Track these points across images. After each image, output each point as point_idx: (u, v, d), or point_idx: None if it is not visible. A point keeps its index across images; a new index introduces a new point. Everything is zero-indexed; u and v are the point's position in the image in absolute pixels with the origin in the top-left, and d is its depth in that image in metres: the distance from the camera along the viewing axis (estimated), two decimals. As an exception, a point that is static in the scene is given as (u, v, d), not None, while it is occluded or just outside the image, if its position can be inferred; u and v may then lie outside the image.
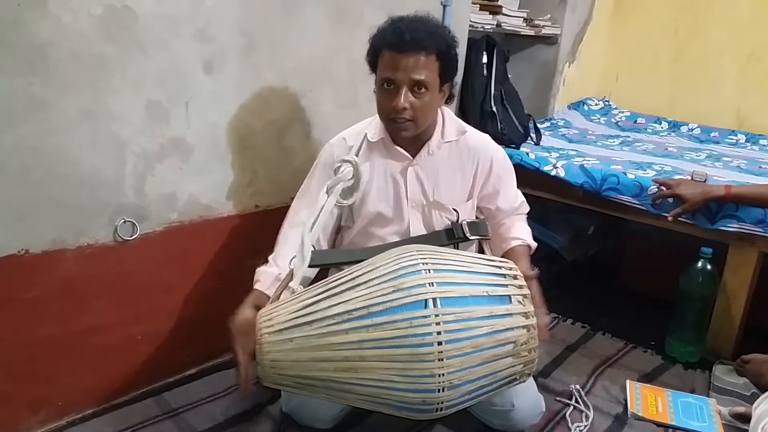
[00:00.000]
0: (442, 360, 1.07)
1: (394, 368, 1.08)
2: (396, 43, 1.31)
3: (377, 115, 1.48)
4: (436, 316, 1.07)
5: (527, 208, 1.63)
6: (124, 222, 1.47)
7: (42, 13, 1.23)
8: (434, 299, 1.08)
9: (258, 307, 1.27)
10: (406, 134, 1.39)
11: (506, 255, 1.47)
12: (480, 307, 1.11)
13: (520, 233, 1.54)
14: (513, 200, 1.59)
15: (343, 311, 1.10)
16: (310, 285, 1.27)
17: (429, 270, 1.12)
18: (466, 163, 1.50)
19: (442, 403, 1.11)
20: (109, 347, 1.52)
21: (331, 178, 1.37)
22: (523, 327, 1.14)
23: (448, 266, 1.15)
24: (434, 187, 1.48)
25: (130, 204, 1.48)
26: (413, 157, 1.46)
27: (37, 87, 1.26)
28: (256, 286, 1.37)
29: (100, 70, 1.35)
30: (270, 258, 1.44)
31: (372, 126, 1.48)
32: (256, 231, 1.76)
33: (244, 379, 1.21)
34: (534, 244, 1.54)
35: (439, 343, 1.06)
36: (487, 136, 1.57)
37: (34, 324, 1.38)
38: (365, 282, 1.13)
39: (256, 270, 1.42)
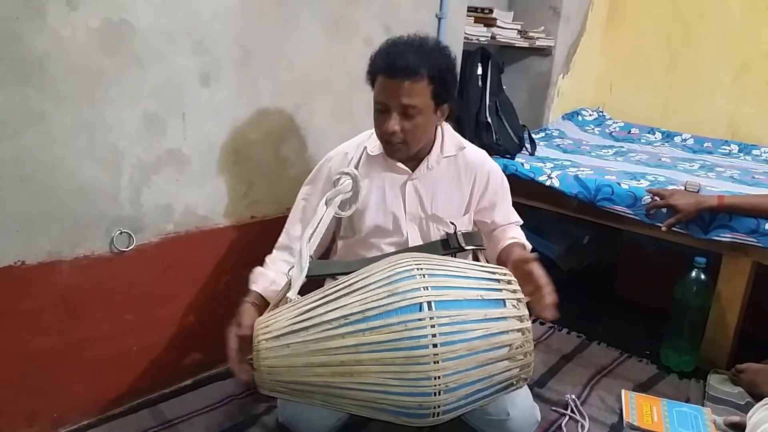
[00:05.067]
0: (438, 362, 1.07)
1: (390, 372, 1.09)
2: (387, 69, 1.33)
3: None
4: (431, 318, 1.08)
5: (521, 222, 1.65)
6: (120, 233, 1.48)
7: (40, 26, 1.24)
8: (429, 302, 1.09)
9: (256, 306, 1.33)
10: (399, 155, 1.43)
11: (502, 251, 1.49)
12: (474, 310, 1.12)
13: (515, 234, 1.56)
14: (508, 214, 1.60)
15: (339, 316, 1.11)
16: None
17: (423, 275, 1.13)
18: (464, 178, 1.52)
19: (439, 407, 1.11)
20: (105, 358, 1.52)
21: (330, 190, 1.38)
22: (518, 330, 1.14)
23: (443, 271, 1.16)
24: (432, 201, 1.49)
25: (127, 215, 1.48)
26: (412, 171, 1.48)
27: (34, 99, 1.27)
28: (253, 287, 1.39)
29: (98, 83, 1.36)
30: (267, 259, 1.47)
31: (372, 139, 1.50)
32: (253, 242, 1.76)
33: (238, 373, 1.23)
34: (529, 246, 1.55)
35: (434, 346, 1.07)
36: (484, 152, 1.59)
37: (30, 335, 1.38)
38: (361, 287, 1.14)
39: (253, 270, 1.44)
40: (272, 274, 1.42)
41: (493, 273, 1.20)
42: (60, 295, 1.40)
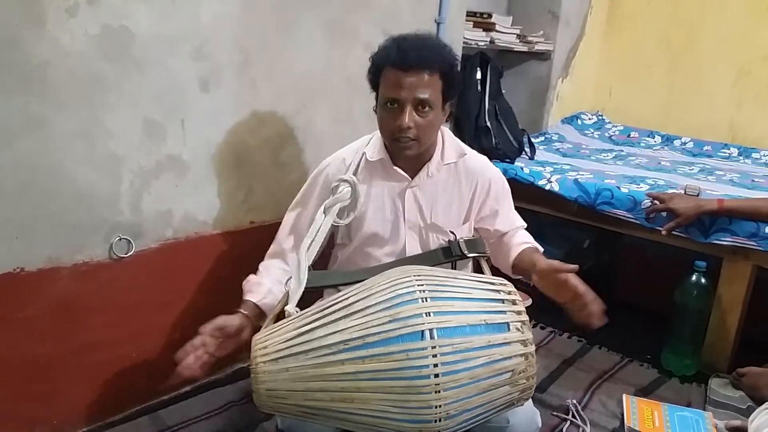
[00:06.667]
0: (439, 392, 1.05)
1: (391, 399, 1.07)
2: (400, 62, 1.30)
3: (375, 133, 1.48)
4: (433, 348, 1.05)
5: (525, 225, 1.63)
6: (120, 239, 1.48)
7: (40, 33, 1.24)
8: (431, 330, 1.07)
9: (246, 317, 1.30)
10: (409, 153, 1.38)
11: (521, 258, 1.47)
12: (477, 336, 1.09)
13: (525, 239, 1.54)
14: (512, 220, 1.58)
15: (338, 341, 1.08)
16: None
17: (426, 298, 1.10)
18: (464, 186, 1.50)
19: None
20: (105, 365, 1.52)
21: (328, 198, 1.36)
22: (521, 355, 1.12)
23: (446, 293, 1.13)
24: (432, 209, 1.47)
25: (126, 221, 1.48)
26: (412, 179, 1.46)
27: (34, 105, 1.27)
28: (248, 297, 1.35)
29: (97, 89, 1.36)
30: (260, 266, 1.44)
31: (371, 145, 1.47)
32: (252, 247, 1.75)
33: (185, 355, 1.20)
34: (541, 248, 1.52)
35: (436, 375, 1.05)
36: (485, 158, 1.56)
37: (30, 342, 1.38)
38: (361, 309, 1.11)
39: (246, 280, 1.40)
40: (266, 282, 1.38)
41: (498, 292, 1.18)
42: (59, 301, 1.40)
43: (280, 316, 1.24)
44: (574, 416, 1.68)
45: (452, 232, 1.45)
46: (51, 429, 1.46)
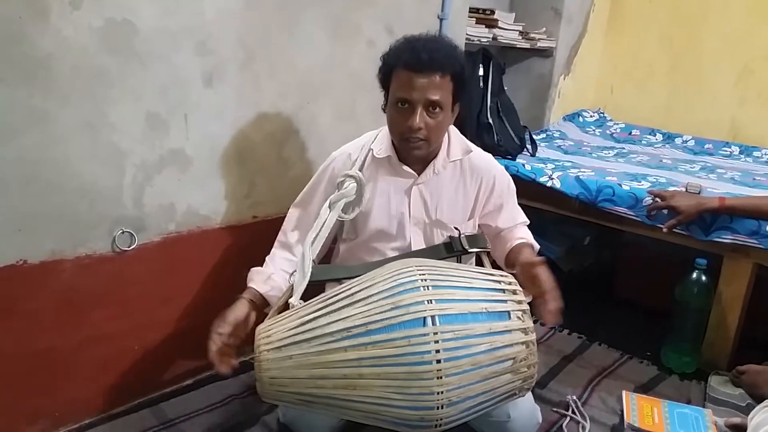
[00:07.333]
0: (441, 378, 1.06)
1: (393, 386, 1.08)
2: (412, 63, 1.30)
3: (381, 129, 1.48)
4: (435, 334, 1.07)
5: (527, 222, 1.64)
6: (122, 233, 1.48)
7: (44, 27, 1.24)
8: (433, 317, 1.08)
9: (251, 302, 1.33)
10: (418, 153, 1.39)
11: (511, 252, 1.48)
12: (479, 324, 1.11)
13: (523, 234, 1.55)
14: (514, 216, 1.59)
15: (341, 328, 1.10)
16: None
17: (427, 286, 1.11)
18: (469, 183, 1.51)
19: (441, 419, 1.11)
20: (107, 358, 1.53)
21: (333, 192, 1.37)
22: (522, 343, 1.13)
23: (447, 282, 1.15)
24: (437, 206, 1.49)
25: (129, 215, 1.49)
26: (418, 175, 1.47)
27: (38, 99, 1.27)
28: (249, 284, 1.39)
29: (101, 82, 1.36)
30: (267, 258, 1.47)
31: (377, 141, 1.48)
32: (254, 241, 1.76)
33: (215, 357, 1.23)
34: (537, 246, 1.54)
35: (438, 362, 1.06)
36: (490, 155, 1.57)
37: (32, 335, 1.38)
38: (364, 298, 1.12)
39: (250, 270, 1.44)
40: (269, 270, 1.42)
41: (498, 282, 1.19)
42: (62, 294, 1.41)
43: (284, 308, 1.25)
44: (574, 412, 1.69)
45: (457, 229, 1.46)
46: (53, 421, 1.47)
